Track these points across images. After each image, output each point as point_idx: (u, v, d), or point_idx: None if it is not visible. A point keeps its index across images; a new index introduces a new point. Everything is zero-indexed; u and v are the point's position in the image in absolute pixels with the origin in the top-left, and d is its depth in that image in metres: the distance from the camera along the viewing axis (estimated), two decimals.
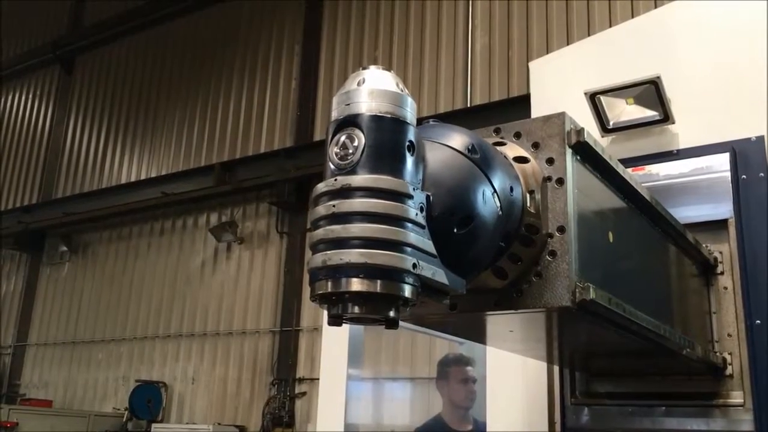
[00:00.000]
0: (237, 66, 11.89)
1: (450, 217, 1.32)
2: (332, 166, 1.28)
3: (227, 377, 10.39)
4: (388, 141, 1.27)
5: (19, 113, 15.64)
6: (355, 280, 1.21)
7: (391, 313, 1.26)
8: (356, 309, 1.25)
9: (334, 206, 1.24)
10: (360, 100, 1.29)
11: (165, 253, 11.80)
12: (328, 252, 1.23)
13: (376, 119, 1.27)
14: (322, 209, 1.26)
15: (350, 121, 1.28)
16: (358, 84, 1.30)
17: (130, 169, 12.86)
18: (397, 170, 1.26)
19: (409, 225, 1.25)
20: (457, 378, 4.50)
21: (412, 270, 1.24)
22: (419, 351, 8.30)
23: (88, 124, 14.00)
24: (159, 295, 11.61)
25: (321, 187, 1.28)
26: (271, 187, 10.39)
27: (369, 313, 1.25)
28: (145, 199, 11.85)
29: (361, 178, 1.24)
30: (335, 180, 1.26)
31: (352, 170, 1.25)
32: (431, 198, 1.30)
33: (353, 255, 1.21)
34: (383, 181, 1.24)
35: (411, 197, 1.25)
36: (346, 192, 1.24)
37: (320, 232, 1.25)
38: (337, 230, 1.23)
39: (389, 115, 1.27)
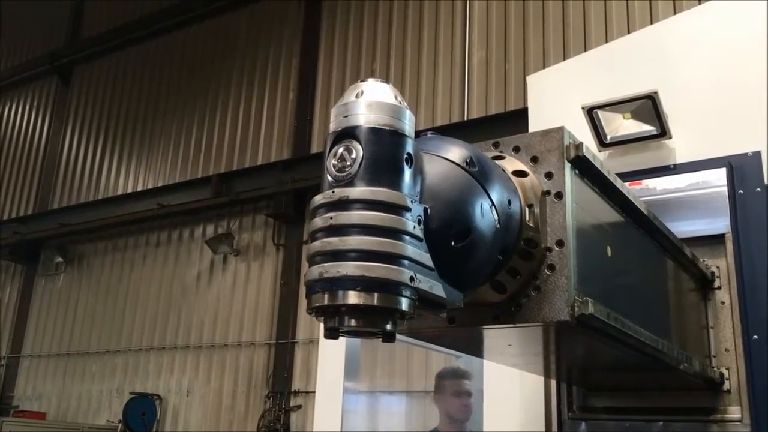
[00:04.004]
0: (235, 78, 11.91)
1: (448, 230, 1.32)
2: (330, 178, 1.28)
3: (222, 390, 10.34)
4: (386, 153, 1.27)
5: (15, 124, 15.64)
6: (352, 292, 1.21)
7: (388, 327, 1.26)
8: (353, 322, 1.24)
9: (331, 218, 1.24)
10: (358, 112, 1.28)
11: (161, 265, 11.77)
12: (325, 264, 1.22)
13: (374, 131, 1.27)
14: (319, 221, 1.25)
15: (348, 133, 1.28)
16: (357, 96, 1.30)
17: (127, 181, 12.85)
18: (394, 183, 1.25)
19: (407, 238, 1.24)
20: (451, 391, 4.49)
21: (409, 283, 1.23)
22: (416, 364, 8.28)
23: (84, 135, 13.99)
24: (154, 306, 11.57)
25: (318, 199, 1.27)
26: (268, 199, 10.39)
27: (366, 326, 1.25)
28: (141, 211, 11.83)
29: (358, 191, 1.23)
30: (333, 192, 1.25)
31: (349, 182, 1.25)
32: (429, 211, 1.29)
33: (350, 267, 1.20)
34: (381, 193, 1.23)
35: (409, 210, 1.25)
36: (343, 204, 1.24)
37: (317, 244, 1.25)
38: (334, 242, 1.23)
39: (387, 128, 1.27)
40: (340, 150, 1.28)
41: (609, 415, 2.51)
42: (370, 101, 1.29)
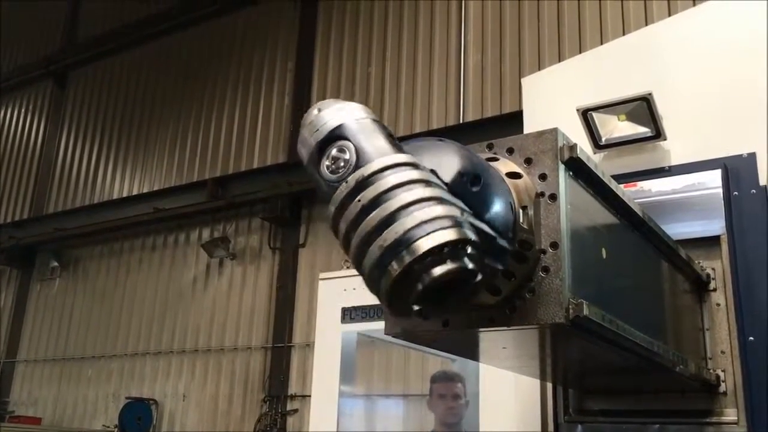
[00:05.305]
0: (230, 82, 11.90)
1: (461, 178, 1.32)
2: (330, 181, 1.27)
3: (218, 394, 10.31)
4: (375, 136, 1.29)
5: (11, 128, 15.60)
6: (421, 240, 1.16)
7: (469, 264, 1.21)
8: (437, 270, 1.18)
9: (359, 200, 1.21)
10: (328, 119, 1.31)
11: (156, 269, 11.74)
12: (379, 239, 1.18)
13: (357, 122, 1.30)
14: (350, 214, 1.22)
15: (333, 137, 1.29)
16: (318, 111, 1.33)
17: (122, 185, 12.82)
18: (395, 151, 1.28)
19: (434, 183, 1.24)
20: (437, 393, 4.50)
21: (461, 216, 1.22)
22: (412, 368, 8.26)
23: (80, 140, 13.97)
24: (150, 311, 11.54)
25: (336, 198, 1.25)
26: (264, 203, 10.37)
27: (450, 264, 1.19)
28: (137, 215, 11.80)
29: (368, 166, 1.23)
30: (346, 183, 1.24)
31: (354, 170, 1.25)
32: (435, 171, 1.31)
33: (406, 222, 1.17)
34: (390, 158, 1.24)
35: (419, 166, 1.26)
36: (362, 184, 1.22)
37: (361, 231, 1.21)
38: (375, 216, 1.20)
39: (365, 119, 1.31)
40: (332, 153, 1.29)
41: (605, 418, 2.51)
42: (334, 108, 1.32)
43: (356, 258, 1.23)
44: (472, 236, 1.21)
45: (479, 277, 1.25)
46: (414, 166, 1.25)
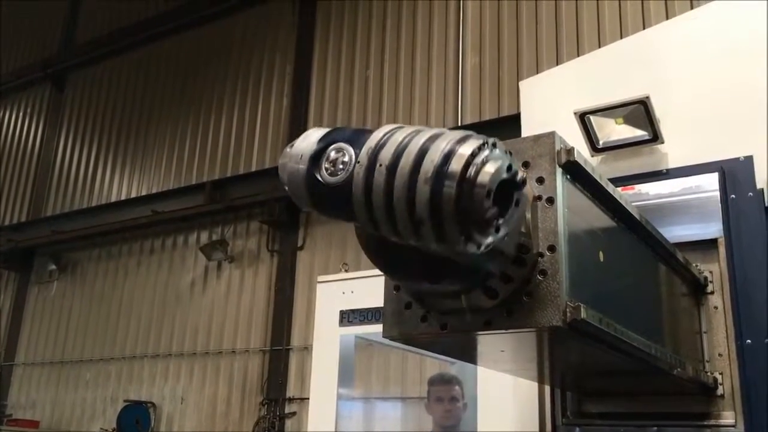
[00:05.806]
0: (229, 84, 11.90)
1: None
2: (336, 183, 1.30)
3: (216, 397, 10.30)
4: (360, 130, 1.35)
5: (9, 131, 15.58)
6: (456, 155, 1.21)
7: (507, 159, 1.26)
8: (483, 176, 1.21)
9: (380, 165, 1.24)
10: (310, 138, 1.37)
11: (155, 272, 11.73)
12: (419, 176, 1.21)
13: (338, 129, 1.36)
14: (378, 182, 1.24)
15: (326, 143, 1.33)
16: (291, 147, 1.40)
17: (121, 187, 12.81)
18: None
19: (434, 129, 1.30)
20: (435, 396, 4.51)
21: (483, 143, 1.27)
22: (410, 370, 8.26)
23: (78, 142, 13.96)
24: (148, 314, 11.53)
25: (357, 179, 1.26)
26: (263, 206, 10.36)
27: (492, 165, 1.22)
28: (135, 218, 11.79)
29: (371, 139, 1.28)
30: (358, 163, 1.27)
31: (357, 161, 1.29)
32: None
33: (434, 152, 1.22)
34: (386, 126, 1.30)
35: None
36: (375, 152, 1.26)
37: (398, 183, 1.23)
38: (403, 165, 1.23)
39: (344, 125, 1.39)
40: (330, 156, 1.31)
41: (603, 421, 2.51)
42: (306, 133, 1.39)
43: (407, 209, 1.23)
44: (494, 139, 1.26)
45: (520, 174, 1.29)
46: (407, 126, 1.30)
